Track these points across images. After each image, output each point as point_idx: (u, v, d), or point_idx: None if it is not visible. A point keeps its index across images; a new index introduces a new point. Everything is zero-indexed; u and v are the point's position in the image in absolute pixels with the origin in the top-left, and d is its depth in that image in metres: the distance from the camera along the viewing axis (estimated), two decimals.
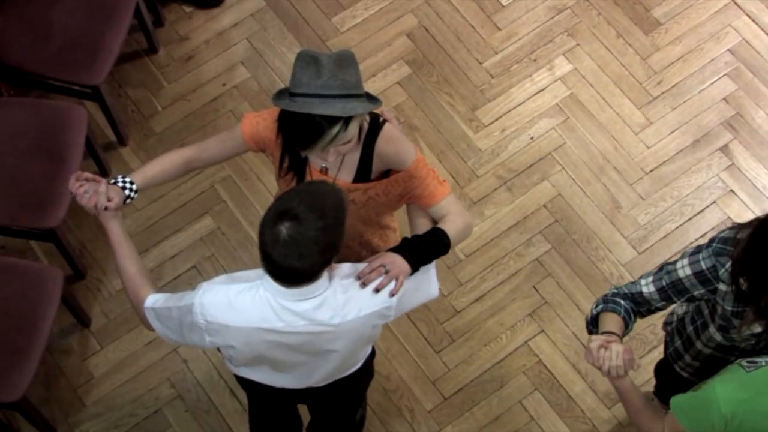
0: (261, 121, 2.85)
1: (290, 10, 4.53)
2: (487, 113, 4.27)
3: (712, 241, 2.73)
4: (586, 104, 4.31)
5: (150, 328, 2.80)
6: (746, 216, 3.86)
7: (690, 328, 2.98)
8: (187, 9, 4.46)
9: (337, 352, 2.84)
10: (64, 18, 3.77)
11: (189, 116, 4.24)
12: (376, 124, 2.87)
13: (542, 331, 3.96)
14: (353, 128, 2.66)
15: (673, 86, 4.32)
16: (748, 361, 2.57)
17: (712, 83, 4.35)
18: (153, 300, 2.72)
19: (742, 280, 2.60)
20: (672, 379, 3.15)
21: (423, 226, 2.87)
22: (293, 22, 4.53)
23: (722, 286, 2.68)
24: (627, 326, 2.76)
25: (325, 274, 2.58)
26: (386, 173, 2.94)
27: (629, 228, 4.01)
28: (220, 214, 4.08)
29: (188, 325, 2.70)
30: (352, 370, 3.10)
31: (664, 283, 2.77)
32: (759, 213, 3.69)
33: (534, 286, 4.04)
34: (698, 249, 2.74)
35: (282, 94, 2.66)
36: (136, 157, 4.18)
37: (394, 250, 2.75)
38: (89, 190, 2.75)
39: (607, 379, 2.72)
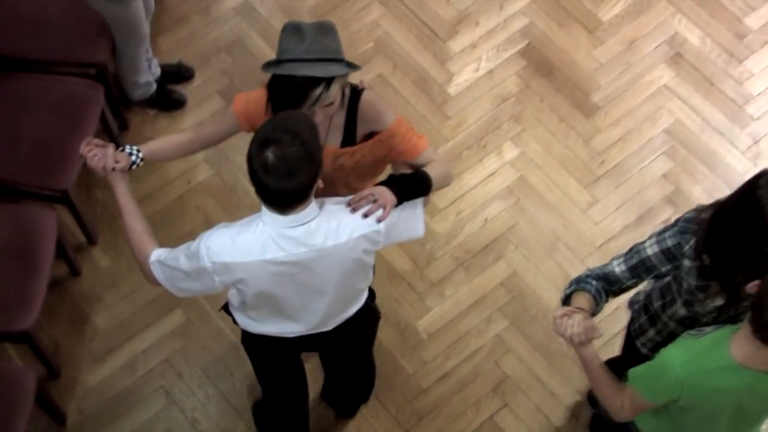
0: (250, 99, 2.95)
1: None
2: (442, 198, 4.29)
3: (677, 221, 2.79)
4: (535, 186, 4.34)
5: (155, 282, 2.86)
6: None
7: (657, 304, 3.01)
8: (151, 112, 4.50)
9: (332, 283, 2.90)
10: (32, 125, 3.79)
11: (157, 213, 4.23)
12: (356, 92, 2.99)
13: (506, 405, 3.91)
14: (335, 89, 2.77)
15: (615, 165, 4.37)
16: (696, 330, 2.65)
17: (651, 161, 4.41)
18: (157, 254, 2.81)
19: (704, 257, 2.65)
20: (630, 355, 3.18)
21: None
22: None
23: (687, 262, 2.73)
24: (597, 304, 2.81)
25: (314, 201, 2.68)
26: (369, 137, 3.05)
27: None
28: (190, 307, 4.04)
29: (196, 271, 2.76)
30: (354, 309, 3.15)
31: (634, 262, 2.82)
32: None
33: (496, 362, 4.01)
34: (665, 229, 2.80)
35: (270, 64, 2.79)
36: (106, 256, 4.16)
37: (381, 183, 2.86)
38: (98, 154, 2.86)
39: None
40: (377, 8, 4.59)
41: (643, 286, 3.09)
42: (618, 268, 2.89)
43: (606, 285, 2.88)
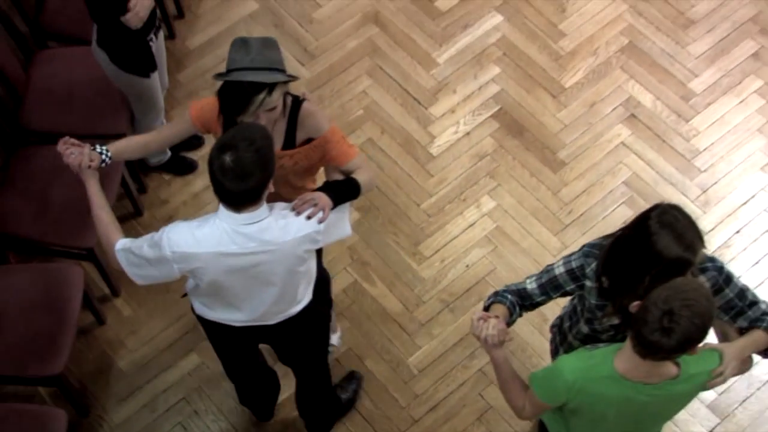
0: (205, 105, 3.11)
1: None
2: (427, 247, 4.35)
3: (583, 246, 2.88)
4: (511, 234, 4.40)
5: (119, 268, 2.99)
6: None
7: (566, 325, 3.10)
8: (166, 176, 4.54)
9: (279, 277, 3.02)
10: (61, 191, 3.85)
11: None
12: (297, 101, 3.14)
13: None
14: (276, 95, 2.93)
15: (581, 215, 4.44)
16: (591, 345, 2.75)
17: (613, 210, 4.48)
18: (122, 243, 2.94)
19: (603, 279, 2.73)
20: None
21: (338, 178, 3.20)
22: None
23: (588, 283, 2.82)
24: (512, 315, 2.89)
25: (265, 203, 2.82)
26: (307, 142, 3.19)
27: None
28: (203, 351, 4.06)
29: (157, 259, 2.90)
30: (298, 308, 3.24)
31: (544, 280, 2.90)
32: None
33: (480, 393, 4.03)
34: (572, 253, 2.91)
35: (221, 74, 2.97)
36: (128, 306, 4.21)
37: (319, 189, 3.03)
38: (74, 152, 3.02)
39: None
40: (366, 80, 4.68)
41: (561, 311, 3.23)
42: (530, 285, 2.97)
43: (519, 300, 2.95)
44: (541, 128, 4.70)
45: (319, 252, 3.59)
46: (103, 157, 3.10)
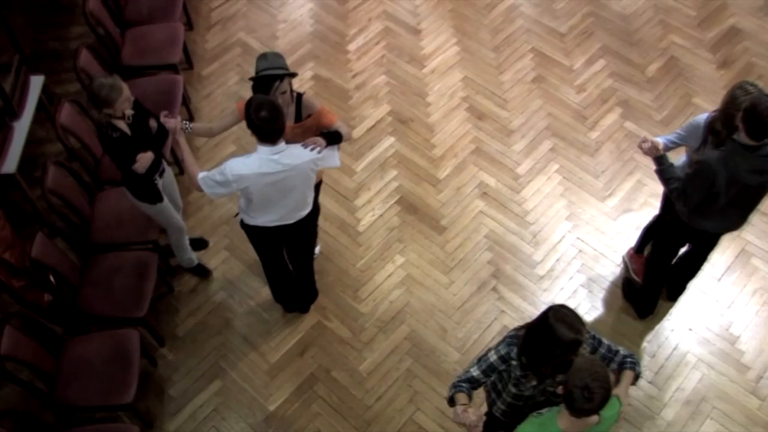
0: (243, 103, 3.47)
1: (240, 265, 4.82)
2: (363, 292, 4.60)
3: (505, 337, 2.98)
4: (417, 278, 4.66)
5: (200, 190, 3.50)
6: None
7: (499, 387, 3.17)
8: (191, 279, 4.68)
9: (297, 187, 3.55)
10: (119, 281, 4.09)
11: (199, 324, 4.52)
12: (300, 95, 3.76)
13: (418, 409, 4.14)
14: (285, 83, 3.56)
15: (460, 260, 4.71)
16: (537, 413, 2.83)
17: (480, 254, 4.75)
18: (202, 174, 3.50)
19: (523, 358, 2.91)
20: (492, 419, 3.37)
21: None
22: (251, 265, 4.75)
23: (513, 362, 2.95)
24: (470, 397, 2.98)
25: (284, 140, 3.36)
26: (308, 117, 3.74)
27: None
28: (224, 377, 4.31)
29: (223, 182, 3.43)
30: (305, 212, 3.77)
31: (484, 367, 3.01)
32: None
33: (409, 384, 4.23)
34: (498, 343, 2.99)
35: (254, 77, 3.55)
36: (171, 352, 4.40)
37: (319, 135, 3.56)
38: (172, 121, 3.60)
39: None
40: None
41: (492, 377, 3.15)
42: (475, 373, 3.00)
43: (470, 384, 3.01)
44: (428, 207, 4.97)
45: (317, 190, 3.96)
46: (186, 127, 3.69)
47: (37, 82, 4.92)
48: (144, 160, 3.74)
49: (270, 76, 3.52)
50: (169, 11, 5.28)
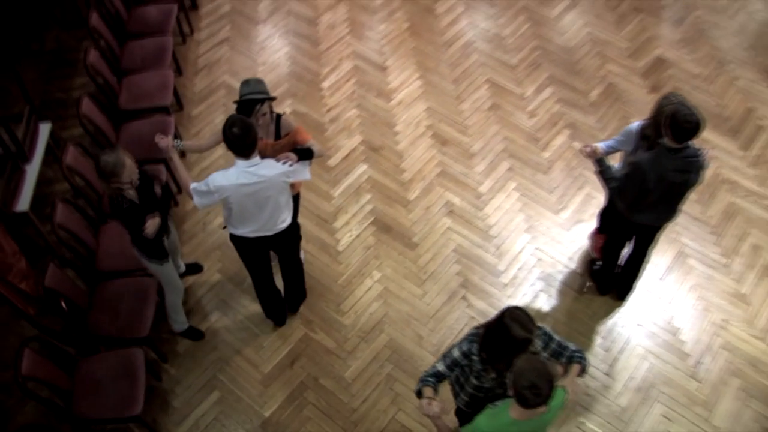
0: None
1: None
2: (345, 306, 4.67)
3: (468, 335, 3.04)
4: (393, 291, 4.74)
5: (191, 198, 3.60)
6: None
7: (461, 380, 3.22)
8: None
9: (272, 198, 3.63)
10: (125, 306, 4.14)
11: (197, 341, 4.53)
12: (279, 116, 3.87)
13: (400, 410, 4.21)
14: (266, 107, 3.69)
15: (432, 273, 4.83)
16: (492, 404, 2.89)
17: (450, 267, 4.86)
18: (193, 185, 3.63)
19: (483, 354, 2.98)
20: (459, 411, 3.45)
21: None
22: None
23: (474, 357, 3.02)
24: (436, 390, 3.05)
25: (258, 155, 3.46)
26: (285, 136, 3.84)
27: None
28: (222, 389, 4.39)
29: (207, 192, 3.57)
30: (286, 223, 3.84)
31: (448, 362, 3.09)
32: None
33: (390, 387, 4.30)
34: (461, 341, 3.05)
35: (238, 100, 3.67)
36: (173, 368, 4.44)
37: (291, 151, 3.67)
38: (164, 139, 3.69)
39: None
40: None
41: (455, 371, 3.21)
42: (440, 368, 3.07)
43: (436, 379, 3.07)
44: (400, 226, 5.06)
45: (296, 202, 4.05)
46: (177, 144, 3.82)
47: (45, 129, 5.08)
48: (152, 224, 3.76)
49: (252, 100, 3.67)
50: (160, 59, 5.46)
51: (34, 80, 5.72)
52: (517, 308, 2.79)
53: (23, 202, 4.67)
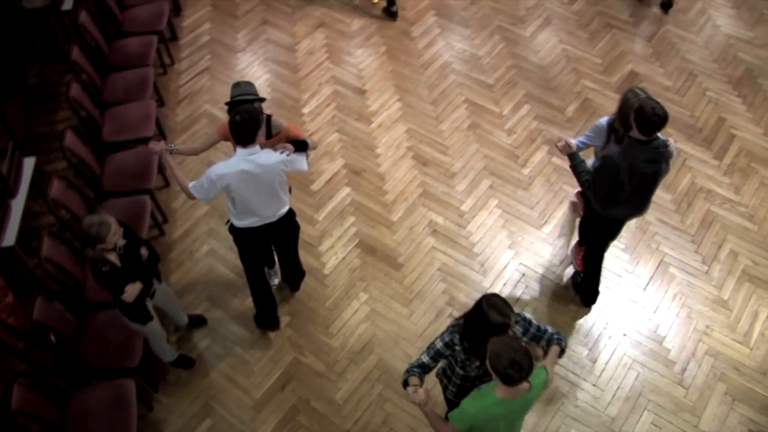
0: (222, 125, 3.90)
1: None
2: (334, 328, 4.71)
3: (449, 326, 3.15)
4: (380, 311, 4.78)
5: (192, 198, 3.75)
6: None
7: (448, 372, 3.32)
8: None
9: (272, 185, 3.75)
10: (114, 335, 4.11)
11: (188, 368, 4.53)
12: (269, 116, 4.01)
13: (392, 429, 4.25)
14: (256, 107, 3.75)
15: (418, 292, 4.86)
16: (477, 388, 3.05)
17: (435, 285, 4.92)
18: (192, 183, 3.75)
19: (465, 343, 3.08)
20: (448, 400, 3.52)
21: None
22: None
23: (457, 347, 3.11)
24: (422, 380, 3.15)
25: (258, 144, 3.60)
26: (277, 134, 3.99)
27: None
28: (214, 415, 4.39)
29: (210, 183, 3.67)
30: (284, 210, 3.97)
31: (432, 353, 3.17)
32: None
33: (382, 407, 4.33)
34: (443, 332, 3.15)
35: (229, 102, 3.81)
36: (164, 396, 4.46)
37: (288, 142, 3.81)
38: (158, 145, 3.83)
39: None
40: None
41: (442, 364, 3.41)
42: (425, 359, 3.18)
43: (421, 369, 3.16)
44: (385, 247, 5.10)
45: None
46: (172, 148, 3.95)
47: (29, 163, 5.12)
48: (131, 291, 3.69)
49: (242, 101, 3.81)
50: (142, 90, 5.52)
51: (17, 115, 5.78)
52: (494, 295, 2.86)
53: (9, 237, 4.68)
